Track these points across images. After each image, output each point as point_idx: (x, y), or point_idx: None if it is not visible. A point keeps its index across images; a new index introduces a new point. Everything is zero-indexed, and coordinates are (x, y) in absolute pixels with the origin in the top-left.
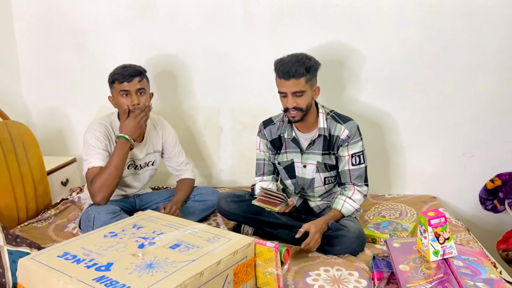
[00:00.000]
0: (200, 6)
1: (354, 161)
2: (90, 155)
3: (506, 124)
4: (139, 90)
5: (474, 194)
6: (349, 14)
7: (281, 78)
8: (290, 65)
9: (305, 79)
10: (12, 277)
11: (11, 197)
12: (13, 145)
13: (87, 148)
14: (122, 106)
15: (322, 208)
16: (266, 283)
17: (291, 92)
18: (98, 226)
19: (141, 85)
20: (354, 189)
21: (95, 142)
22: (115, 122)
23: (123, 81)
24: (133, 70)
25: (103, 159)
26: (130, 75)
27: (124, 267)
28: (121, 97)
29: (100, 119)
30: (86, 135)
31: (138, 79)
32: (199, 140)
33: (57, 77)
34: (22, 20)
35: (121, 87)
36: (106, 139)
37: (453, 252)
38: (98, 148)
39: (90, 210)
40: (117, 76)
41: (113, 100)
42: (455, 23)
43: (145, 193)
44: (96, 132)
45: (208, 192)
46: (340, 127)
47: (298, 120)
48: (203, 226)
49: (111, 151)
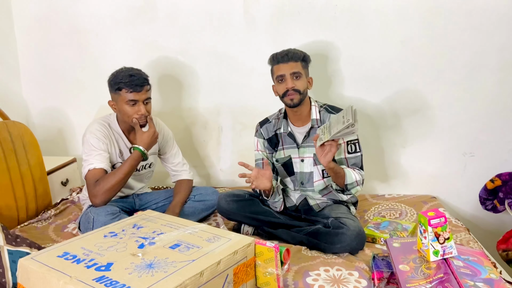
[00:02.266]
0: (200, 6)
1: (350, 149)
2: (91, 156)
3: (506, 124)
4: (146, 100)
5: (474, 194)
6: (349, 14)
7: (279, 62)
8: (287, 50)
9: (301, 64)
10: (12, 277)
11: (11, 197)
12: (13, 145)
13: (88, 148)
14: (129, 115)
15: (321, 207)
16: (266, 283)
17: (289, 73)
18: (97, 228)
19: (148, 94)
20: (354, 169)
21: (96, 142)
22: (114, 123)
23: (133, 90)
24: (142, 79)
25: (104, 160)
26: (140, 85)
27: (124, 267)
28: (128, 106)
29: (99, 119)
30: (87, 135)
31: (146, 88)
32: (199, 140)
33: (57, 77)
34: (22, 20)
35: (129, 96)
36: (107, 139)
37: (453, 252)
38: (99, 149)
39: (90, 212)
40: (124, 85)
41: (115, 106)
42: (455, 23)
43: (144, 193)
44: (98, 132)
45: (208, 192)
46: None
47: (296, 103)
48: (203, 226)
49: (111, 152)
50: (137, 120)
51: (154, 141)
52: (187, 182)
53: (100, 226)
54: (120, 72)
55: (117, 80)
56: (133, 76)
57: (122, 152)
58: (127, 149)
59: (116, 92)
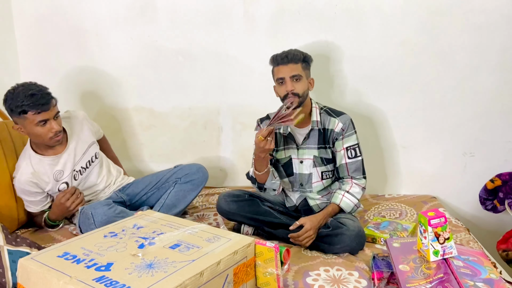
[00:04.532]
0: (200, 6)
1: (350, 154)
2: (25, 200)
3: (506, 124)
4: (55, 115)
5: (474, 194)
6: (349, 14)
7: (279, 64)
8: (287, 52)
9: (302, 66)
10: (12, 277)
11: (11, 197)
12: (13, 145)
13: (19, 195)
14: (42, 136)
15: (321, 207)
16: (266, 283)
17: (289, 76)
18: (99, 220)
19: (56, 109)
20: (352, 182)
21: (27, 196)
22: (33, 156)
23: (40, 111)
24: (45, 95)
25: (38, 205)
26: (46, 103)
27: (124, 267)
28: (39, 127)
29: (21, 162)
30: (16, 186)
31: (53, 104)
32: (199, 140)
33: (57, 77)
34: (22, 20)
35: (38, 118)
36: (34, 187)
37: (453, 252)
38: (29, 200)
39: (85, 210)
40: (28, 107)
41: (22, 130)
42: (455, 23)
43: (128, 185)
44: (23, 186)
45: (193, 170)
46: (334, 120)
47: (296, 107)
48: (203, 226)
49: (43, 188)
50: (53, 136)
51: (65, 212)
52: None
53: (101, 217)
54: (18, 93)
55: (18, 103)
56: (35, 95)
57: (57, 171)
58: (60, 165)
59: (21, 116)
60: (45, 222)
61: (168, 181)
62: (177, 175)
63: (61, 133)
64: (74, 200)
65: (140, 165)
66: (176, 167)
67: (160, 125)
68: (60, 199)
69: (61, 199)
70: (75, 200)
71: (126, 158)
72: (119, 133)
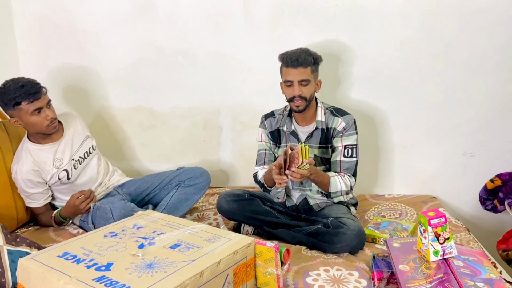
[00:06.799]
0: (200, 6)
1: (346, 153)
2: (26, 197)
3: (506, 124)
4: (48, 104)
5: (474, 194)
6: (349, 14)
7: (289, 66)
8: (298, 54)
9: (311, 69)
10: (12, 277)
11: (10, 196)
12: (11, 145)
13: (20, 190)
14: (39, 124)
15: (321, 206)
16: (266, 283)
17: (298, 80)
18: (117, 214)
19: (47, 97)
20: (344, 175)
21: (29, 188)
22: (31, 148)
23: (33, 99)
24: (35, 85)
25: (41, 198)
26: (37, 92)
27: (124, 267)
28: (34, 116)
29: (20, 154)
30: (16, 178)
31: (43, 92)
32: (199, 140)
33: (57, 77)
34: (22, 20)
35: (32, 107)
36: (36, 176)
37: (453, 252)
38: (31, 192)
39: (102, 205)
40: (21, 98)
41: (19, 122)
42: (455, 23)
43: (128, 183)
44: (25, 176)
45: (197, 174)
46: (338, 119)
47: (302, 109)
48: (203, 226)
49: (44, 178)
50: (50, 124)
51: (78, 212)
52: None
53: (119, 211)
54: (9, 87)
55: (10, 95)
56: (25, 85)
57: (56, 158)
58: (59, 153)
59: (15, 108)
60: (55, 219)
61: (170, 183)
62: (180, 178)
63: (56, 121)
64: (88, 202)
65: (140, 165)
66: (179, 169)
67: (160, 125)
68: (75, 201)
69: (76, 201)
70: (89, 202)
71: (126, 158)
72: (119, 133)
